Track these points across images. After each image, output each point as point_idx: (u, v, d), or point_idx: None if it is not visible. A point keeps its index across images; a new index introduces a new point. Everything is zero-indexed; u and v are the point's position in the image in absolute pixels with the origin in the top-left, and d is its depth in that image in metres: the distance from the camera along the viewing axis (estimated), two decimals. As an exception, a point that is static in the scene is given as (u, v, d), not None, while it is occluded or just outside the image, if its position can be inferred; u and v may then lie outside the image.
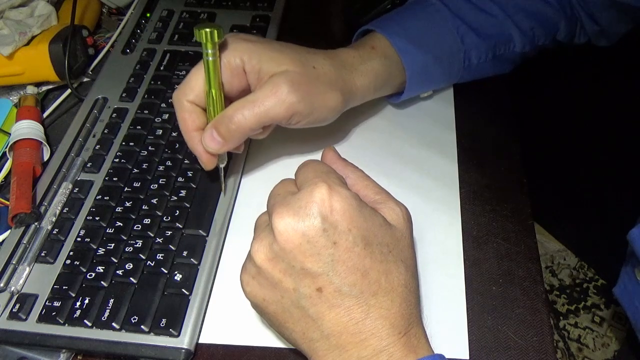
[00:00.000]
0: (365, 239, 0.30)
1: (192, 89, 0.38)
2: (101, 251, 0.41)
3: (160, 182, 0.44)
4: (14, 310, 0.38)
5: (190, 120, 0.39)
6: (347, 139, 0.49)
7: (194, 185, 0.44)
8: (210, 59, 0.37)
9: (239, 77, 0.39)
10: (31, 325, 0.38)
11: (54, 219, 0.43)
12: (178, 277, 0.39)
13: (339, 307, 0.30)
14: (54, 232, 0.42)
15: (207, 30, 0.36)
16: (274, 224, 0.30)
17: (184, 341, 0.37)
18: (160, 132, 0.48)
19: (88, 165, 0.47)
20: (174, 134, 0.48)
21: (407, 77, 0.46)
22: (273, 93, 0.37)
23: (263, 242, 0.31)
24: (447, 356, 0.36)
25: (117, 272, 0.39)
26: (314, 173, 0.33)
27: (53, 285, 0.39)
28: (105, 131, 0.49)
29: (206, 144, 0.38)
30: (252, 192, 0.46)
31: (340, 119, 0.44)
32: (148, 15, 0.60)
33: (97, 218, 0.43)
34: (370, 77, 0.44)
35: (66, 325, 0.38)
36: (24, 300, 0.39)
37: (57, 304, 0.38)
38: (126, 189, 0.45)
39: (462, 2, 0.48)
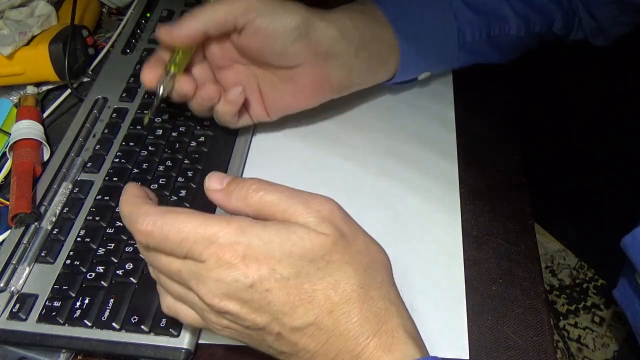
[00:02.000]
0: (293, 268, 0.28)
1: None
2: (101, 251, 0.41)
3: (160, 182, 0.44)
4: (14, 310, 0.38)
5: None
6: (347, 139, 0.49)
7: (193, 185, 0.44)
8: None
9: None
10: (31, 325, 0.38)
11: (54, 219, 0.43)
12: (178, 277, 0.39)
13: (303, 338, 0.29)
14: (54, 232, 0.42)
15: None
16: (207, 302, 0.29)
17: (184, 341, 0.37)
18: (160, 132, 0.48)
19: (88, 165, 0.47)
20: (174, 134, 0.48)
21: (401, 52, 0.45)
22: None
23: (211, 317, 0.30)
24: (447, 356, 0.36)
25: (117, 272, 0.39)
26: (199, 244, 0.28)
27: (53, 285, 0.39)
28: (105, 131, 0.49)
29: (165, 29, 0.39)
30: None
31: (340, 120, 0.44)
32: (148, 15, 0.60)
33: (97, 218, 0.43)
34: (344, 19, 0.43)
35: (66, 325, 0.38)
36: (24, 300, 0.39)
37: (57, 304, 0.38)
38: (126, 189, 0.45)
39: None
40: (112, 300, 0.38)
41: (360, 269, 0.30)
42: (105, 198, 0.44)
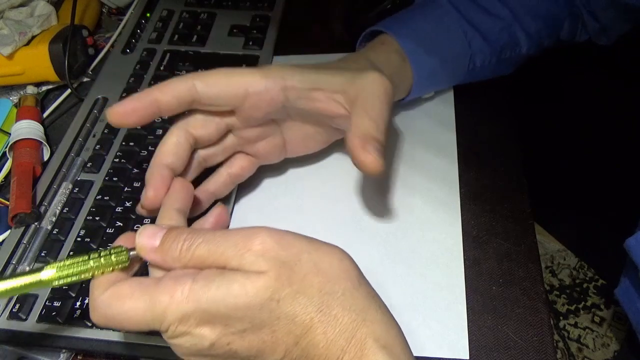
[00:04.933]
0: (245, 320, 0.28)
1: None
2: (101, 251, 0.41)
3: (160, 182, 0.44)
4: (14, 310, 0.38)
5: (166, 149, 0.36)
6: (347, 139, 0.49)
7: (194, 185, 0.44)
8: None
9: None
10: (31, 325, 0.38)
11: (54, 219, 0.43)
12: (178, 277, 0.39)
13: None
14: (54, 232, 0.42)
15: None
16: None
17: (184, 341, 0.37)
18: (160, 132, 0.48)
19: (88, 165, 0.47)
20: (174, 134, 0.48)
21: (415, 79, 0.46)
22: (374, 79, 0.37)
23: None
24: (447, 356, 0.36)
25: (117, 272, 0.39)
26: (146, 324, 0.28)
27: (53, 285, 0.39)
28: (105, 131, 0.49)
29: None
30: (250, 196, 0.46)
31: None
32: (148, 15, 0.60)
33: (97, 218, 0.43)
34: (386, 68, 0.43)
35: (66, 325, 0.38)
36: (24, 300, 0.39)
37: (57, 304, 0.38)
38: (126, 189, 0.45)
39: (471, 4, 0.48)
40: (112, 300, 0.38)
41: (314, 293, 0.28)
42: (105, 198, 0.44)
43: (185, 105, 0.35)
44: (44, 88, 0.57)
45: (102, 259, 0.30)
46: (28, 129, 0.49)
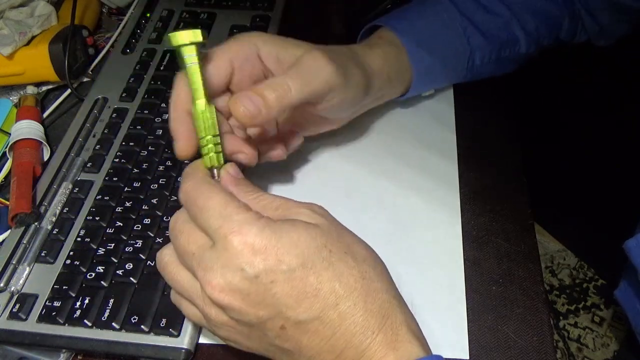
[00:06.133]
0: (300, 258, 0.28)
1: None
2: (101, 251, 0.41)
3: (160, 182, 0.44)
4: (14, 310, 0.38)
5: (183, 95, 0.34)
6: (347, 140, 0.49)
7: (194, 185, 0.44)
8: (194, 63, 0.32)
9: (253, 63, 0.37)
10: (31, 325, 0.38)
11: (54, 219, 0.43)
12: (178, 277, 0.39)
13: (307, 334, 0.29)
14: (54, 232, 0.42)
15: (187, 31, 0.31)
16: (209, 295, 0.29)
17: (184, 341, 0.37)
18: (160, 132, 0.48)
19: (88, 165, 0.47)
20: (174, 134, 0.48)
21: (414, 76, 0.46)
22: (312, 62, 0.35)
23: (211, 311, 0.30)
24: (447, 356, 0.36)
25: (117, 272, 0.39)
26: (216, 219, 0.29)
27: (53, 285, 0.39)
28: (105, 131, 0.49)
29: (244, 104, 0.32)
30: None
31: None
32: (148, 15, 0.60)
33: (97, 218, 0.43)
34: (381, 62, 0.43)
35: (66, 325, 0.38)
36: (24, 300, 0.39)
37: (57, 304, 0.38)
38: (126, 189, 0.45)
39: (470, 2, 0.48)
40: (112, 300, 0.38)
41: (359, 259, 0.30)
42: (105, 198, 0.44)
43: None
44: (44, 88, 0.57)
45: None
46: (28, 129, 0.49)
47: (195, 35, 0.31)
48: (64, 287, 0.39)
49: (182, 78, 0.34)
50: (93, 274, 0.40)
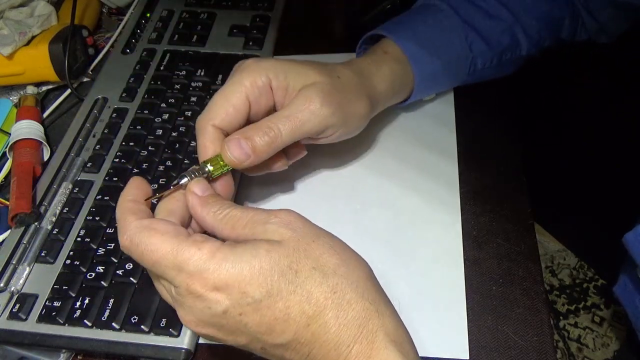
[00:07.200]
0: (264, 287, 0.28)
1: (217, 114, 0.36)
2: (101, 251, 0.41)
3: (160, 182, 0.44)
4: (14, 310, 0.38)
5: (211, 149, 0.36)
6: (347, 140, 0.49)
7: (194, 185, 0.44)
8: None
9: (266, 95, 0.38)
10: (31, 325, 0.38)
11: (54, 219, 0.43)
12: (178, 277, 0.39)
13: (287, 351, 0.29)
14: (54, 232, 0.42)
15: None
16: (186, 326, 0.30)
17: (184, 341, 0.37)
18: (160, 132, 0.48)
19: (88, 165, 0.47)
20: (174, 134, 0.48)
21: (416, 83, 0.46)
22: (306, 106, 0.36)
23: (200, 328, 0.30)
24: (447, 356, 0.36)
25: (117, 272, 0.39)
26: (171, 270, 0.29)
27: (53, 285, 0.40)
28: (105, 131, 0.49)
29: (231, 152, 0.35)
30: (251, 193, 0.46)
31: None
32: (148, 15, 0.60)
33: (97, 218, 0.43)
34: (388, 81, 0.44)
35: (66, 325, 0.38)
36: (24, 300, 0.39)
37: (57, 304, 0.38)
38: (126, 189, 0.45)
39: (471, 8, 0.48)
40: (112, 300, 0.38)
41: (329, 273, 0.29)
42: (105, 198, 0.44)
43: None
44: (44, 88, 0.57)
45: None
46: (28, 129, 0.49)
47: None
48: (64, 287, 0.39)
49: (202, 125, 0.36)
50: (93, 274, 0.40)
